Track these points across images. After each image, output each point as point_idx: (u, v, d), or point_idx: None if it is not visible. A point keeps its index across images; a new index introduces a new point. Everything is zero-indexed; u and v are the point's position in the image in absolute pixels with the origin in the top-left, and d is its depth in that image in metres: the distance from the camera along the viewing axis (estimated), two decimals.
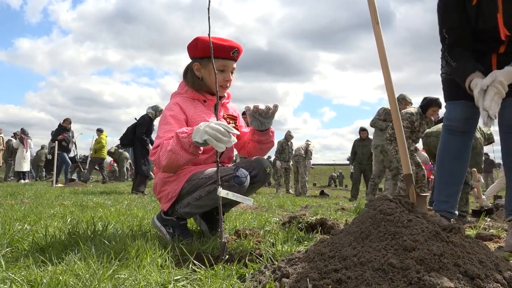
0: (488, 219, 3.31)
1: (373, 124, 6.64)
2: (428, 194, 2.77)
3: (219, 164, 1.60)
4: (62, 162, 10.57)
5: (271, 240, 1.87)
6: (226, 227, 2.31)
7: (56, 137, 10.26)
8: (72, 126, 10.79)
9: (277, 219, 2.83)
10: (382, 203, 1.25)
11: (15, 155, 11.80)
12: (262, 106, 1.89)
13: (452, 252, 1.07)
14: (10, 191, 5.60)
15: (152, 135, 6.92)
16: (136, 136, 6.76)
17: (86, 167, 12.69)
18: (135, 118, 7.03)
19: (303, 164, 9.72)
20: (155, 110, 6.89)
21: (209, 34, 1.64)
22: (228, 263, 1.38)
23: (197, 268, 1.31)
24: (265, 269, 1.28)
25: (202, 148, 1.72)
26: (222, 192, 1.52)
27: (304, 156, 9.78)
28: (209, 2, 1.52)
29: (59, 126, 10.44)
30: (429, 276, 0.95)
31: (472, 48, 1.98)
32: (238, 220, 2.63)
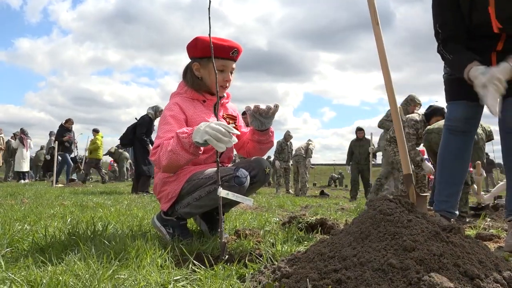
0: (488, 219, 3.31)
1: (381, 125, 6.59)
2: (428, 194, 2.77)
3: (219, 164, 1.60)
4: (64, 163, 10.56)
5: (271, 240, 1.87)
6: (226, 227, 2.31)
7: (60, 138, 10.24)
8: (72, 127, 10.79)
9: (277, 219, 2.83)
10: (382, 203, 1.25)
11: (15, 155, 11.80)
12: (263, 106, 1.89)
13: (452, 252, 1.07)
14: (10, 191, 5.61)
15: (152, 136, 6.93)
16: (136, 136, 6.76)
17: (82, 168, 12.69)
18: (135, 118, 7.04)
19: (303, 164, 9.72)
20: (155, 110, 6.88)
21: (210, 34, 1.64)
22: (228, 263, 1.38)
23: (197, 268, 1.31)
24: (265, 269, 1.28)
25: (202, 148, 1.72)
26: (222, 192, 1.52)
27: (304, 156, 9.77)
28: (210, 2, 1.52)
29: (61, 126, 10.40)
30: (429, 276, 0.95)
31: (470, 47, 1.98)
32: (238, 220, 2.63)
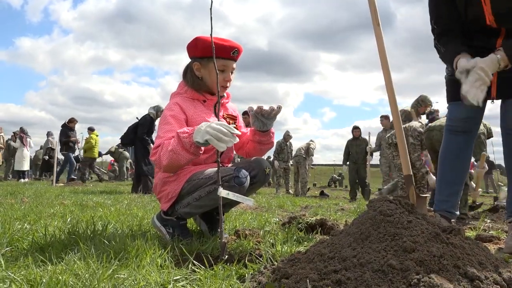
0: (488, 221, 3.30)
1: (391, 127, 6.56)
2: (428, 195, 2.77)
3: (219, 165, 1.60)
4: (67, 162, 10.55)
5: (271, 241, 1.87)
6: (226, 227, 2.31)
7: (64, 137, 10.22)
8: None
9: (277, 220, 2.83)
10: (382, 204, 1.25)
11: (16, 155, 11.80)
12: (266, 107, 1.89)
13: (452, 253, 1.07)
14: (10, 190, 5.61)
15: (153, 135, 6.93)
16: (138, 136, 6.76)
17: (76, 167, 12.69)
18: (136, 118, 7.04)
19: (304, 164, 9.72)
20: (157, 110, 6.89)
21: (211, 34, 1.64)
22: (228, 263, 1.38)
23: (197, 268, 1.31)
24: (265, 269, 1.28)
25: (203, 148, 1.72)
26: (223, 193, 1.52)
27: (304, 156, 9.77)
28: (212, 2, 1.52)
29: (65, 126, 10.35)
30: (429, 278, 0.95)
31: (470, 46, 1.99)
32: (238, 220, 2.63)
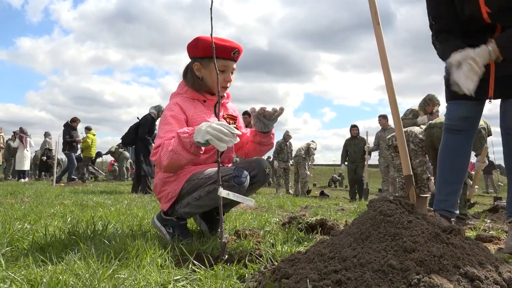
0: (488, 221, 3.30)
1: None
2: (428, 195, 2.77)
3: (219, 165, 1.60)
4: (70, 162, 10.56)
5: (271, 241, 1.87)
6: (226, 227, 2.31)
7: (68, 137, 10.21)
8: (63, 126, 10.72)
9: (277, 220, 2.83)
10: (382, 204, 1.25)
11: (16, 155, 11.80)
12: (268, 109, 1.90)
13: (452, 253, 1.07)
14: (10, 190, 5.61)
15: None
16: (139, 136, 6.76)
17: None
18: (137, 118, 7.04)
19: (303, 164, 9.72)
20: (158, 110, 6.89)
21: (212, 34, 1.64)
22: (228, 263, 1.38)
23: (197, 268, 1.31)
24: (265, 269, 1.28)
25: (203, 148, 1.72)
26: (223, 193, 1.52)
27: (304, 156, 9.77)
28: (212, 2, 1.52)
29: (68, 125, 10.31)
30: (429, 278, 0.95)
31: (468, 44, 1.99)
32: (238, 220, 2.63)
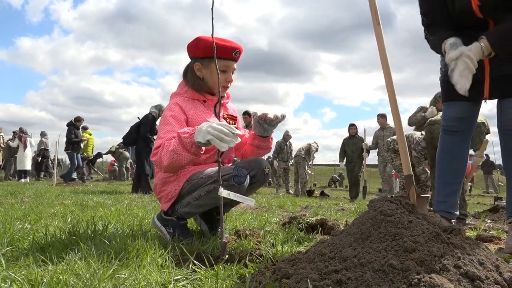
0: (489, 221, 3.30)
1: (412, 123, 6.38)
2: (428, 195, 2.77)
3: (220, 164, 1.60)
4: (72, 162, 10.58)
5: (271, 241, 1.87)
6: (226, 227, 2.31)
7: (74, 137, 10.22)
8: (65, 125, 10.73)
9: (277, 220, 2.83)
10: (383, 204, 1.25)
11: (17, 154, 11.81)
12: (270, 115, 1.91)
13: (453, 253, 1.07)
14: (10, 190, 5.61)
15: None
16: (141, 135, 6.76)
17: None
18: (138, 118, 7.04)
19: (303, 165, 9.72)
20: (159, 109, 6.91)
21: (212, 34, 1.65)
22: (228, 263, 1.38)
23: (197, 268, 1.31)
24: (265, 269, 1.28)
25: (204, 148, 1.72)
26: (224, 192, 1.52)
27: (304, 156, 9.77)
28: (213, 2, 1.52)
29: (72, 125, 10.28)
30: (430, 278, 0.95)
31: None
32: (238, 220, 2.63)
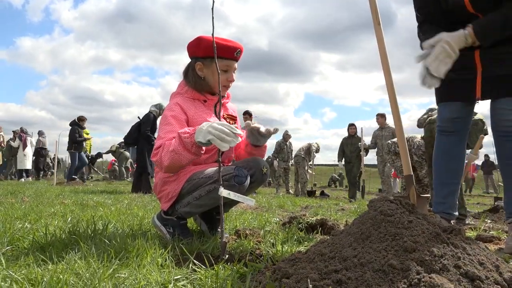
0: (489, 221, 3.30)
1: (420, 124, 6.33)
2: (429, 195, 2.77)
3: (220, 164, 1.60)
4: (81, 161, 10.60)
5: (271, 240, 1.87)
6: (226, 227, 2.31)
7: (78, 136, 10.23)
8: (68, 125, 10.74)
9: (277, 219, 2.83)
10: (383, 204, 1.25)
11: (17, 154, 11.83)
12: (262, 129, 1.92)
13: (453, 253, 1.07)
14: (10, 190, 5.61)
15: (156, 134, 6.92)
16: (142, 133, 6.76)
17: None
18: (138, 117, 7.04)
19: (302, 164, 9.73)
20: (159, 108, 6.93)
21: (213, 34, 1.65)
22: (228, 263, 1.38)
23: (197, 268, 1.31)
24: (265, 269, 1.28)
25: (204, 148, 1.72)
26: (224, 192, 1.52)
27: (304, 156, 9.77)
28: (213, 2, 1.52)
29: (76, 124, 10.27)
30: (430, 278, 0.95)
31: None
32: (238, 220, 2.63)
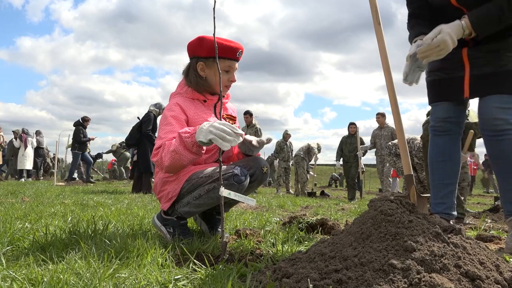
0: (489, 221, 3.30)
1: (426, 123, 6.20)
2: (429, 195, 2.76)
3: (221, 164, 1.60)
4: (86, 161, 10.60)
5: (272, 240, 1.87)
6: (227, 227, 2.31)
7: (83, 136, 10.23)
8: (72, 125, 10.81)
9: (278, 219, 2.83)
10: (383, 204, 1.25)
11: (18, 154, 11.84)
12: (255, 142, 1.93)
13: (453, 253, 1.07)
14: (10, 190, 5.61)
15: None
16: (143, 133, 6.77)
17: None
18: (138, 118, 7.04)
19: (302, 164, 9.72)
20: (159, 108, 6.95)
21: (214, 34, 1.65)
22: (229, 263, 1.39)
23: (198, 267, 1.31)
24: (266, 269, 1.28)
25: (205, 148, 1.73)
26: (224, 192, 1.52)
27: (303, 156, 9.77)
28: (215, 2, 1.52)
29: (80, 124, 10.28)
30: (430, 277, 0.95)
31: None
32: (238, 220, 2.63)
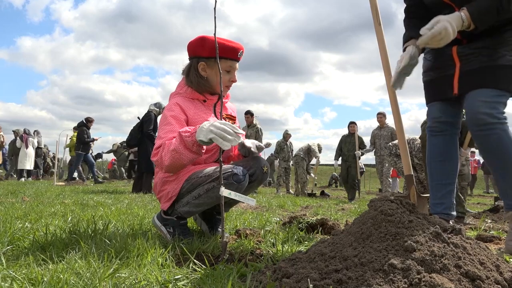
0: (489, 221, 3.30)
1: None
2: (429, 195, 2.76)
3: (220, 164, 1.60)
4: (88, 162, 10.62)
5: (272, 240, 1.87)
6: (227, 226, 2.31)
7: (87, 137, 10.25)
8: (72, 125, 10.86)
9: (278, 219, 2.83)
10: (383, 204, 1.25)
11: (19, 154, 11.87)
12: (253, 148, 1.95)
13: (453, 253, 1.07)
14: (11, 189, 5.61)
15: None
16: (145, 133, 6.77)
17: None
18: (138, 118, 7.04)
19: (301, 165, 9.73)
20: (159, 107, 6.96)
21: (215, 34, 1.66)
22: (229, 263, 1.39)
23: (198, 267, 1.31)
24: (266, 269, 1.28)
25: (205, 148, 1.73)
26: (225, 192, 1.52)
27: (303, 156, 9.77)
28: (216, 2, 1.52)
29: (84, 125, 10.29)
30: (430, 277, 0.95)
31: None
32: (238, 220, 2.63)
